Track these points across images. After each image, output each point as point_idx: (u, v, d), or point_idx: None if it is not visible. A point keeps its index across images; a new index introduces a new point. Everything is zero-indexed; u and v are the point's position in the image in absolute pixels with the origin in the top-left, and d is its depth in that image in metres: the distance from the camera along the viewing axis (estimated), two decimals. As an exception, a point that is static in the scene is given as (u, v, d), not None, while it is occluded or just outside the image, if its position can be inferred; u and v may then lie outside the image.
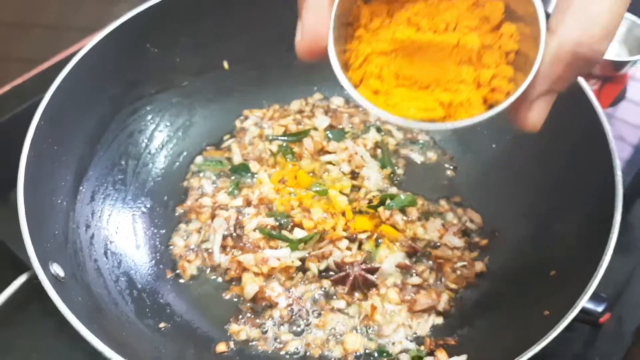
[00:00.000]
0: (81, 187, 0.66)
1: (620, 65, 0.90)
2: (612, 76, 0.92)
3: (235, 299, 0.65)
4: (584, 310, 0.56)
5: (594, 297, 0.57)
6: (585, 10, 0.33)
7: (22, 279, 0.56)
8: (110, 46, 0.68)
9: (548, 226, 0.63)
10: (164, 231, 0.70)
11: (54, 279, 0.54)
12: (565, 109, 0.64)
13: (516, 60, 0.37)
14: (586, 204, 0.60)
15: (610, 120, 0.88)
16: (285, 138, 0.77)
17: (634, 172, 0.81)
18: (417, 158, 0.77)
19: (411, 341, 0.61)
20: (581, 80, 0.63)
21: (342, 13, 0.38)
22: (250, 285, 0.64)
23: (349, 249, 0.67)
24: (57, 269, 0.55)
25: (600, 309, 0.61)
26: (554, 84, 0.35)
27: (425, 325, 0.62)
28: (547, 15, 0.36)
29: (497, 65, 0.37)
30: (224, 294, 0.65)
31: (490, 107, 0.36)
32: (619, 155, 0.81)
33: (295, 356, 0.61)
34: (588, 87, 0.63)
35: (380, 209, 0.69)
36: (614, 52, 0.94)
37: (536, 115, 0.36)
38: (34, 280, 0.55)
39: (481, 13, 0.37)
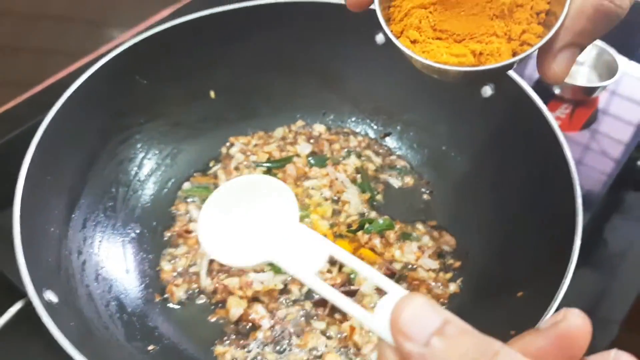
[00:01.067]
0: (73, 215, 0.69)
1: (590, 90, 0.94)
2: (583, 100, 0.96)
3: (221, 322, 0.68)
4: None
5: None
6: None
7: (17, 306, 0.59)
8: (101, 79, 0.71)
9: (515, 249, 0.67)
10: (152, 256, 0.73)
11: (48, 305, 0.56)
12: (532, 142, 0.69)
13: (546, 20, 0.39)
14: (550, 228, 0.64)
15: (594, 135, 0.93)
16: (269, 164, 0.81)
17: (608, 187, 0.85)
18: (395, 183, 0.81)
19: (388, 360, 0.64)
20: (546, 111, 0.67)
21: None
22: (235, 308, 0.67)
23: (329, 271, 0.70)
24: (50, 295, 0.57)
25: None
26: (577, 37, 0.36)
27: (401, 344, 0.65)
28: None
29: (528, 23, 0.39)
30: (210, 317, 0.68)
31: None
32: (602, 170, 0.86)
33: (278, 376, 0.64)
34: (552, 117, 0.67)
35: (360, 233, 0.72)
36: (585, 77, 0.99)
37: (559, 67, 0.37)
38: (28, 306, 0.57)
39: None
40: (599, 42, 0.98)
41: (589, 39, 0.39)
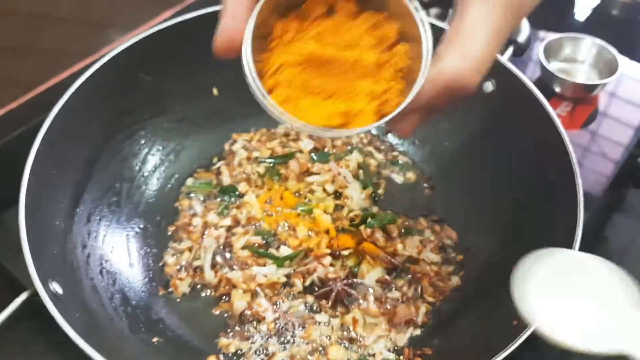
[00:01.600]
0: (78, 209, 0.70)
1: (591, 88, 0.95)
2: (583, 98, 0.97)
3: (225, 314, 0.68)
4: None
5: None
6: (464, 47, 0.37)
7: (23, 296, 0.59)
8: (105, 76, 0.72)
9: (516, 242, 0.67)
10: (156, 250, 0.74)
11: (54, 296, 0.57)
12: (533, 136, 0.69)
13: (407, 76, 0.41)
14: (551, 221, 0.64)
15: (595, 133, 0.93)
16: (272, 160, 0.81)
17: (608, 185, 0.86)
18: (397, 178, 0.82)
19: (391, 352, 0.65)
20: (548, 107, 0.68)
21: (258, 25, 0.41)
22: (239, 302, 0.68)
23: (332, 265, 0.70)
24: (56, 286, 0.58)
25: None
26: (428, 104, 0.39)
27: (404, 336, 0.66)
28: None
29: (390, 80, 0.41)
30: (213, 310, 0.69)
31: (382, 117, 0.41)
32: (602, 168, 0.86)
33: (282, 368, 0.64)
34: (555, 115, 0.67)
35: (362, 227, 0.73)
36: (585, 75, 0.99)
37: (405, 127, 0.40)
38: (34, 297, 0.58)
39: (379, 33, 0.41)
40: (598, 41, 0.98)
41: (440, 105, 0.41)
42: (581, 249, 0.80)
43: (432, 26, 0.40)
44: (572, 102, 0.97)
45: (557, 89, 0.96)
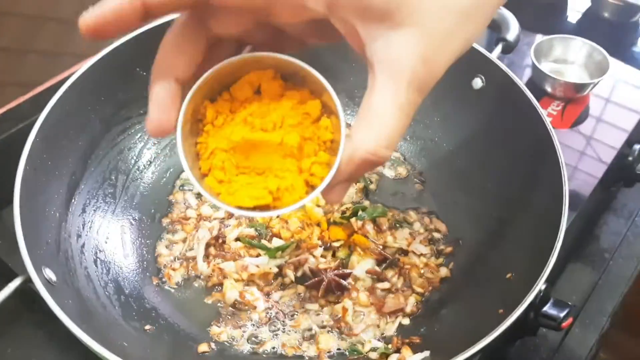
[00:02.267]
0: (73, 200, 0.71)
1: (581, 87, 0.96)
2: (574, 98, 0.98)
3: (217, 304, 0.69)
4: (548, 316, 0.61)
5: (558, 303, 0.62)
6: (373, 126, 0.39)
7: (16, 282, 0.60)
8: (102, 70, 0.74)
9: (504, 235, 0.69)
10: (150, 241, 0.75)
11: (47, 283, 0.58)
12: (522, 132, 0.70)
13: (332, 147, 0.43)
14: (538, 214, 0.66)
15: (589, 141, 0.94)
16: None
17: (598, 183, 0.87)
18: (389, 173, 0.83)
19: (380, 340, 0.66)
20: (537, 105, 0.69)
21: (192, 111, 0.43)
22: (231, 291, 0.69)
23: (323, 256, 0.72)
24: (49, 273, 0.59)
25: (562, 314, 0.65)
26: (349, 177, 0.41)
27: (392, 325, 0.67)
28: None
29: (315, 153, 0.43)
30: (206, 299, 0.70)
31: (312, 188, 0.43)
32: (595, 175, 0.87)
33: (272, 355, 0.65)
34: (544, 113, 0.68)
35: (353, 219, 0.74)
36: (576, 75, 1.01)
37: (335, 197, 0.42)
38: (27, 283, 0.59)
39: (303, 110, 0.43)
40: (588, 41, 1.00)
41: (359, 176, 0.54)
42: (572, 248, 0.81)
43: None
44: (563, 102, 0.98)
45: (548, 89, 0.97)
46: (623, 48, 1.12)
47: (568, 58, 1.02)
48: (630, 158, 0.90)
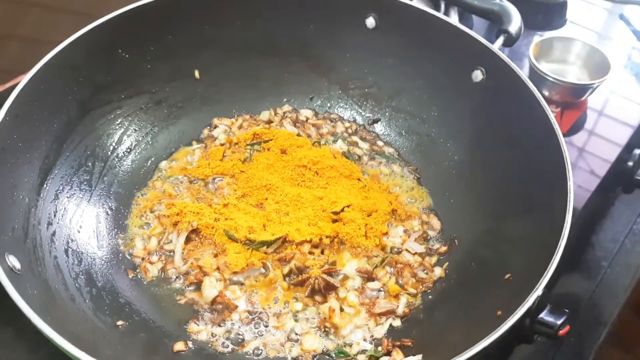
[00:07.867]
0: (45, 185, 0.66)
1: (581, 90, 0.93)
2: (571, 102, 0.95)
3: (196, 301, 0.65)
4: (544, 323, 0.57)
5: (554, 311, 0.59)
6: None
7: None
8: (81, 49, 0.69)
9: (503, 235, 0.65)
10: (126, 233, 0.70)
11: (10, 271, 0.53)
12: (523, 126, 0.67)
13: None
14: (540, 212, 0.62)
15: (581, 154, 0.91)
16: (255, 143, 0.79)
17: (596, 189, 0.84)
18: (383, 169, 0.79)
19: (369, 342, 0.61)
20: (540, 99, 0.65)
21: None
22: (209, 290, 0.64)
23: (311, 253, 0.67)
24: (13, 260, 0.55)
25: (560, 321, 0.62)
26: None
27: (382, 327, 0.63)
28: None
29: None
30: (182, 297, 0.65)
31: None
32: (587, 187, 0.84)
33: (254, 357, 0.61)
34: (551, 114, 0.65)
35: (343, 213, 0.70)
36: (575, 77, 0.98)
37: None
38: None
39: None
40: (588, 42, 0.97)
41: None
42: (569, 254, 0.78)
43: None
44: (561, 106, 0.95)
45: (546, 92, 0.94)
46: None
47: (568, 59, 0.99)
48: (630, 163, 0.87)
